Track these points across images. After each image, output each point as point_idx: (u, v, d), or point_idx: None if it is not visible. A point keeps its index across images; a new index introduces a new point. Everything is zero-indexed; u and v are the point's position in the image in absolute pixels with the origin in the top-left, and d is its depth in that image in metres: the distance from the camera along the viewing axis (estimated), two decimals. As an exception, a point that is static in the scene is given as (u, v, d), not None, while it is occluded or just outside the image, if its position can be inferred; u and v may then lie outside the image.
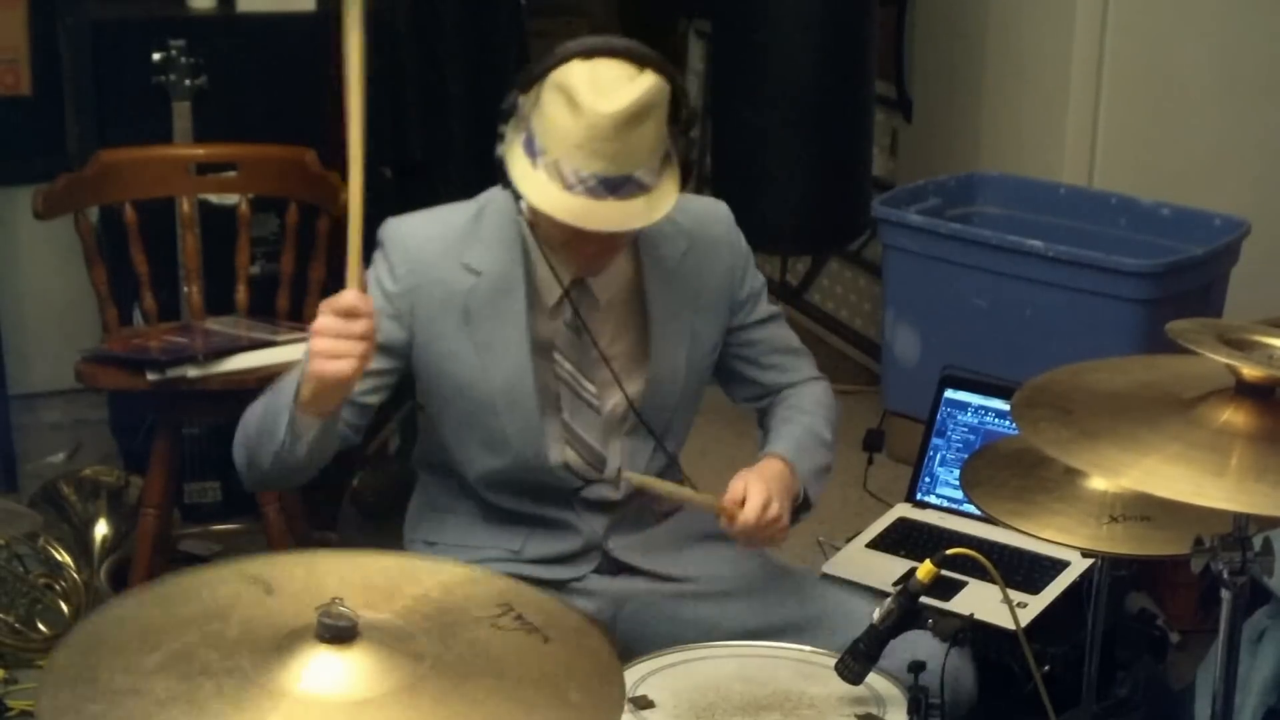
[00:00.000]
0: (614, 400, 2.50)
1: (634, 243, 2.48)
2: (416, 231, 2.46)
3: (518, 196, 2.34)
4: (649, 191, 2.28)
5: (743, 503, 2.38)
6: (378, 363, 2.37)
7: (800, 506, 2.48)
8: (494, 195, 2.46)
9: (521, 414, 2.44)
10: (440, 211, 2.51)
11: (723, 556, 2.56)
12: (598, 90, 2.22)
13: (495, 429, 2.45)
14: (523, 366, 2.43)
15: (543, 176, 2.27)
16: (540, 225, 2.39)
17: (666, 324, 2.50)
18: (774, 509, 2.38)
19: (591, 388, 2.48)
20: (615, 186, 2.25)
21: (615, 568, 2.54)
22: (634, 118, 2.23)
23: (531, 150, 2.29)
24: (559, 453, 2.48)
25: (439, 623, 1.64)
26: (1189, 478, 1.77)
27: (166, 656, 1.54)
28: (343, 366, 2.16)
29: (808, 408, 2.59)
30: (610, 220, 2.27)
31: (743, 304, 2.58)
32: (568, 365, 2.47)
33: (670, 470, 2.56)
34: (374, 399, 2.47)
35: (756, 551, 2.57)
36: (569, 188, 2.25)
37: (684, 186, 2.36)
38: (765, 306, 2.62)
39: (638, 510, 2.56)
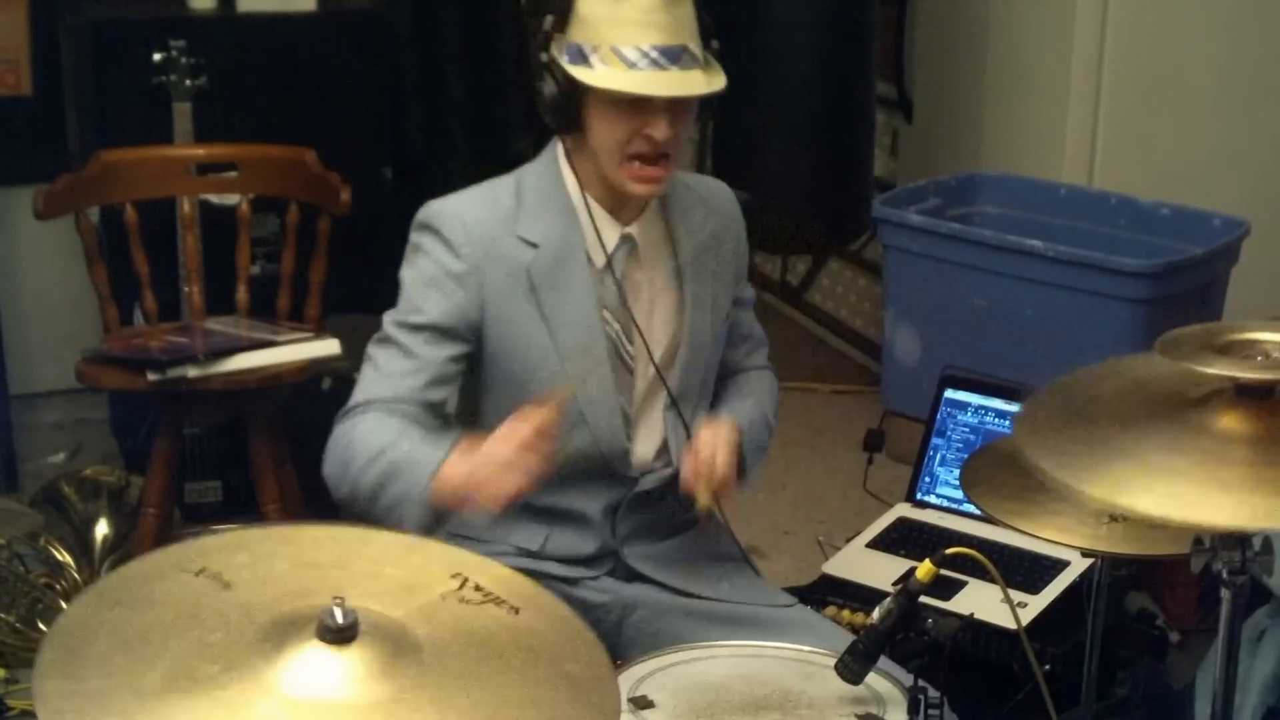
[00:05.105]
0: (647, 364, 2.50)
1: (665, 207, 2.50)
2: (469, 210, 2.45)
3: (568, 128, 2.37)
4: (704, 67, 2.35)
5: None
6: (453, 348, 2.39)
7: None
8: (525, 170, 2.48)
9: (597, 381, 2.44)
10: (480, 190, 2.49)
11: (734, 581, 2.56)
12: None
13: (571, 404, 2.41)
14: (594, 330, 2.43)
15: (602, 69, 2.32)
16: (600, 137, 2.37)
17: (699, 290, 2.52)
18: (720, 456, 2.37)
19: (632, 349, 2.49)
20: (675, 56, 2.31)
21: (628, 575, 2.53)
22: None
23: (582, 57, 2.33)
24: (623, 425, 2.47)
25: (414, 606, 1.61)
26: (1200, 498, 1.74)
27: (164, 677, 1.50)
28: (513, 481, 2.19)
29: (758, 391, 2.63)
30: (676, 86, 2.32)
31: (740, 279, 2.61)
32: (615, 325, 2.48)
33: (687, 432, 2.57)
34: (445, 392, 2.44)
35: (756, 579, 2.59)
36: (632, 65, 2.30)
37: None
38: (749, 288, 2.66)
39: (654, 520, 2.55)
